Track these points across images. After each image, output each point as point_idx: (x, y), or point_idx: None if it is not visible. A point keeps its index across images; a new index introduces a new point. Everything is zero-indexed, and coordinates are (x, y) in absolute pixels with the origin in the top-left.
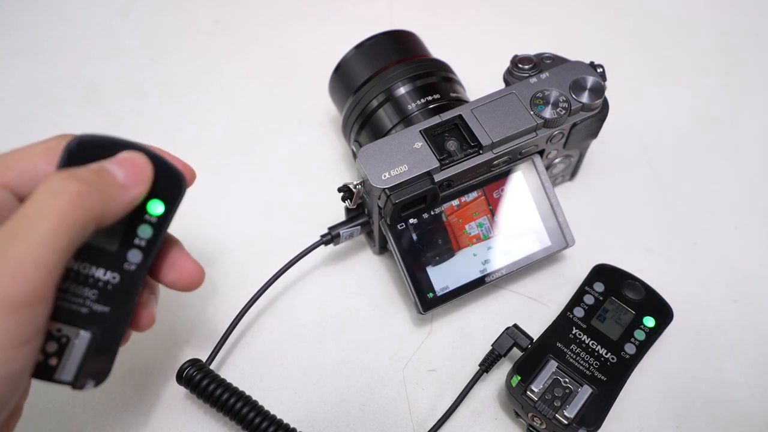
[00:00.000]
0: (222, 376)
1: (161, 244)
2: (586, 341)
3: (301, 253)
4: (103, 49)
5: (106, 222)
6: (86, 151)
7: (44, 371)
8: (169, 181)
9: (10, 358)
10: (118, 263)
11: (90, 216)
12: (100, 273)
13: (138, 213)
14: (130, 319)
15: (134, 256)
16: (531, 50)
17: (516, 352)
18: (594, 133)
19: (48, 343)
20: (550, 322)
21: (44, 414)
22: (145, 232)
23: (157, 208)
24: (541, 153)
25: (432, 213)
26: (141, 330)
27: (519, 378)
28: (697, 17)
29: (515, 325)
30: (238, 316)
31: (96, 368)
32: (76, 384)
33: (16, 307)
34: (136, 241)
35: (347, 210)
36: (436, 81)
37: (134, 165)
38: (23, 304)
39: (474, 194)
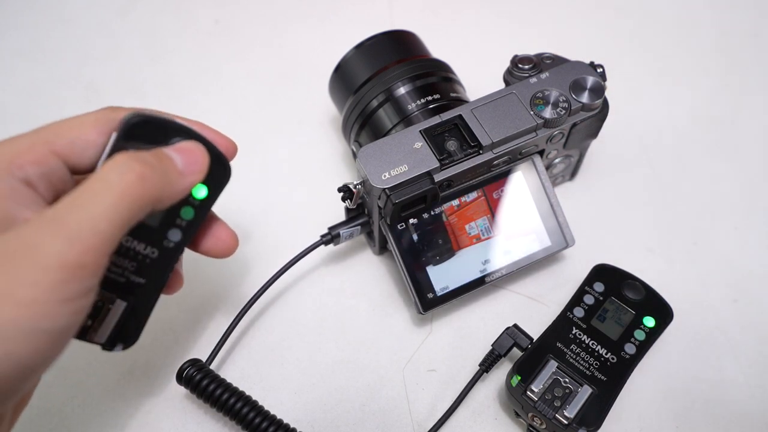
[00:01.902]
0: (222, 376)
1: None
2: (586, 341)
3: (301, 253)
4: (103, 49)
5: (162, 205)
6: (144, 128)
7: (81, 331)
8: (217, 168)
9: (54, 313)
10: (158, 239)
11: (149, 197)
12: (141, 247)
13: (185, 195)
14: (161, 290)
15: (174, 235)
16: (531, 50)
17: (516, 352)
18: (594, 133)
19: (92, 309)
20: (550, 322)
21: (44, 414)
22: (187, 213)
23: (201, 192)
24: (541, 153)
25: (432, 213)
26: (171, 293)
27: (519, 378)
28: (697, 17)
29: (515, 325)
30: (238, 316)
31: (127, 333)
32: (107, 346)
33: (68, 267)
34: (178, 221)
35: (347, 210)
36: (436, 81)
37: (193, 155)
38: (74, 266)
39: (474, 194)
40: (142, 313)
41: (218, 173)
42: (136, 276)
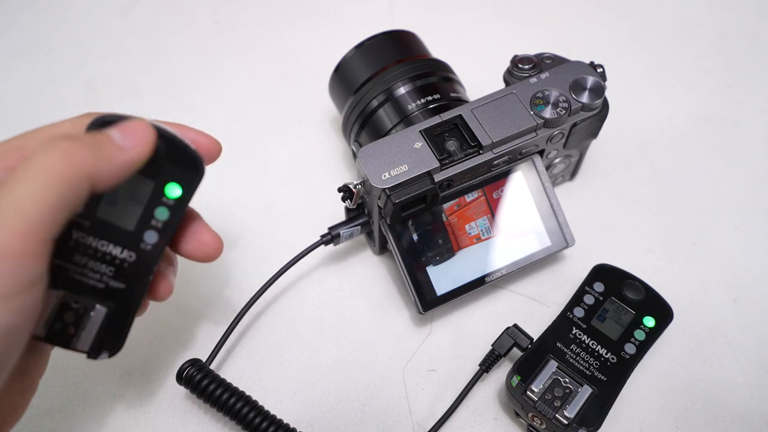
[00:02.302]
0: (222, 376)
1: (178, 224)
2: (586, 341)
3: (301, 253)
4: (103, 49)
5: (102, 181)
6: (104, 127)
7: (62, 339)
8: (187, 164)
9: None
10: (134, 242)
11: (80, 172)
12: (117, 251)
13: (155, 195)
14: (143, 296)
15: (150, 237)
16: (531, 50)
17: (516, 352)
18: (594, 133)
19: (66, 313)
20: (550, 322)
21: (44, 414)
22: (162, 214)
23: (174, 191)
24: (541, 153)
25: (432, 213)
26: (159, 299)
27: (519, 378)
28: (697, 17)
29: (515, 325)
30: (238, 316)
31: (110, 340)
32: (91, 353)
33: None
34: (153, 222)
35: (347, 210)
36: (436, 81)
37: (133, 128)
38: (6, 256)
39: (474, 194)
40: (124, 319)
41: (189, 170)
42: (115, 281)
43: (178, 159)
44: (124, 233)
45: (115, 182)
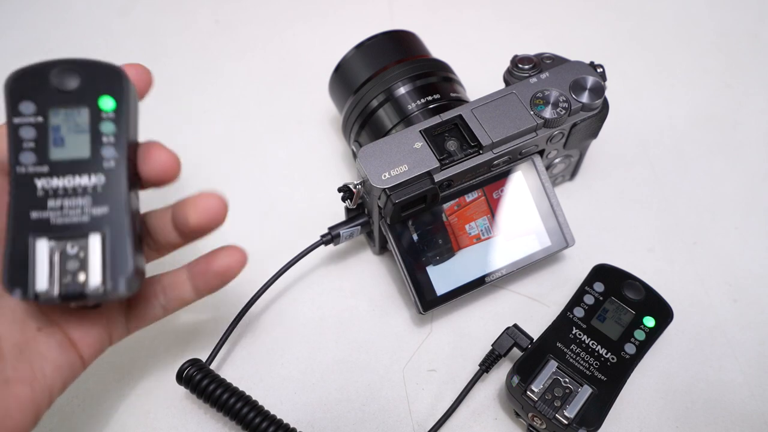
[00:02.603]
0: (222, 376)
1: (132, 140)
2: (586, 341)
3: (301, 253)
4: (103, 49)
5: None
6: (27, 81)
7: (74, 291)
8: (109, 76)
9: None
10: (97, 165)
11: None
12: (84, 180)
13: (94, 115)
14: (132, 214)
15: (108, 152)
16: (531, 50)
17: (516, 352)
18: (594, 133)
19: (69, 261)
20: (550, 322)
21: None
22: (108, 128)
23: (107, 103)
24: (541, 153)
25: (432, 213)
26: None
27: (519, 378)
28: (697, 17)
29: (515, 325)
30: (238, 316)
31: (120, 267)
32: (108, 289)
33: None
34: (104, 139)
35: (347, 210)
36: (436, 81)
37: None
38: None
39: (474, 194)
40: (123, 239)
41: (112, 80)
42: (96, 208)
43: (96, 77)
44: (82, 161)
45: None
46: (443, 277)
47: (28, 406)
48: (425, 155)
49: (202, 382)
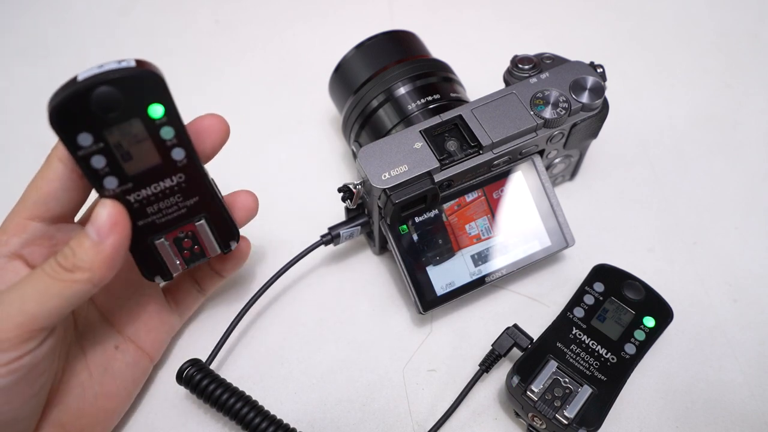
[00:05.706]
0: (222, 376)
1: (188, 137)
2: (586, 341)
3: (301, 253)
4: (103, 49)
5: (103, 277)
6: (71, 109)
7: (196, 257)
8: (148, 84)
9: None
10: (171, 165)
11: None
12: (167, 183)
13: (149, 124)
14: (218, 194)
15: (178, 154)
16: (531, 50)
17: (516, 352)
18: (594, 133)
19: (184, 241)
20: (550, 322)
21: None
22: (167, 133)
23: (157, 110)
24: (541, 153)
25: (432, 213)
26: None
27: (519, 378)
28: (697, 17)
29: (515, 325)
30: (238, 316)
31: (225, 235)
32: (225, 249)
33: None
34: (168, 143)
35: (347, 210)
36: (436, 81)
37: (100, 223)
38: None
39: (474, 194)
40: (221, 214)
41: (153, 87)
42: (188, 200)
43: (138, 88)
44: (158, 167)
45: (112, 271)
46: (443, 277)
47: (113, 416)
48: (425, 155)
49: (202, 382)
